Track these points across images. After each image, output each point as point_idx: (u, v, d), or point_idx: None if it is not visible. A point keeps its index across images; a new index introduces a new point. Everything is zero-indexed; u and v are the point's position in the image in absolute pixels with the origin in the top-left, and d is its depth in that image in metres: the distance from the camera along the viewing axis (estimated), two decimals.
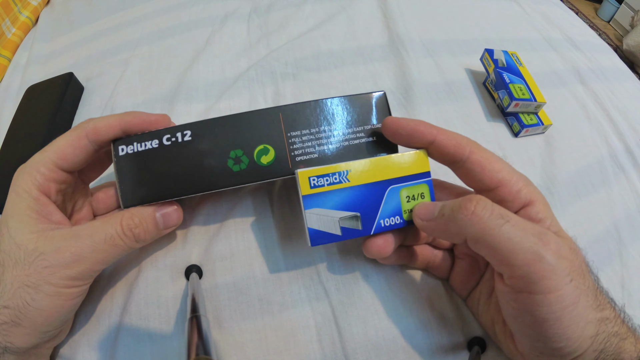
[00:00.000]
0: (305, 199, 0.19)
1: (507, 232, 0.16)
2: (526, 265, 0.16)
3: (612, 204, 0.32)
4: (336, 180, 0.19)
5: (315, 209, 0.19)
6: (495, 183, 0.19)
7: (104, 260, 0.20)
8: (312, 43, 0.38)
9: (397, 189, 0.20)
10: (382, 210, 0.19)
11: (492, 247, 0.16)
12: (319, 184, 0.19)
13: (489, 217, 0.17)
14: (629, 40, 1.49)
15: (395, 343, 0.23)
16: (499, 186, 0.19)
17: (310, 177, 0.19)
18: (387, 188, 0.19)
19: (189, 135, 0.21)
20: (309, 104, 0.22)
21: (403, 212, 0.20)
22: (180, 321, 0.23)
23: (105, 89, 0.36)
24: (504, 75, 0.34)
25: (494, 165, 0.19)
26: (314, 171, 0.19)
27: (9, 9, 0.44)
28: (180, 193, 0.21)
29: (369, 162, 0.20)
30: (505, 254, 0.16)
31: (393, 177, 0.20)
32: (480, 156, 0.19)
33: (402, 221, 0.20)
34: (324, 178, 0.19)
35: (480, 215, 0.17)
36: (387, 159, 0.20)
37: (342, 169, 0.19)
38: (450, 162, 0.20)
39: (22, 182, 0.19)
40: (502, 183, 0.19)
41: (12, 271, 0.18)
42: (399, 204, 0.20)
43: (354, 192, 0.19)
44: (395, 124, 0.20)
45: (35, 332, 0.19)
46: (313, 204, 0.19)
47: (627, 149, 0.36)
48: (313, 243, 0.19)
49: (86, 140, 0.20)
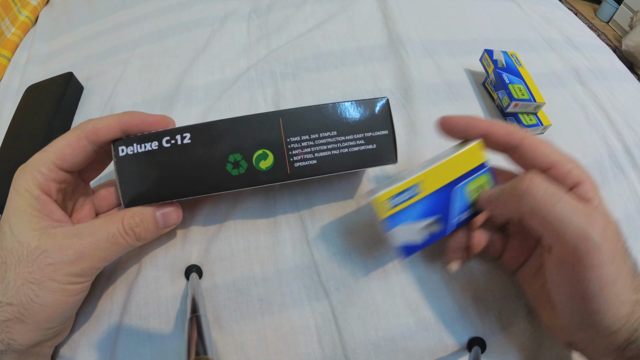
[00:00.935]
0: (385, 222, 0.20)
1: (560, 209, 0.18)
2: (574, 240, 0.17)
3: (612, 204, 0.31)
4: (407, 197, 0.20)
5: (397, 227, 0.20)
6: (547, 164, 0.20)
7: (106, 257, 0.20)
8: (312, 43, 0.38)
9: (462, 187, 0.21)
10: (454, 209, 0.21)
11: (545, 221, 0.18)
12: (393, 204, 0.20)
13: (543, 194, 0.18)
14: (628, 40, 1.49)
15: (395, 343, 0.23)
16: (550, 167, 0.20)
17: (384, 202, 0.20)
18: (452, 188, 0.21)
19: (188, 138, 0.21)
20: (309, 109, 0.22)
21: (472, 205, 0.22)
22: (180, 321, 0.23)
23: (105, 89, 0.36)
24: (503, 75, 0.34)
25: (544, 149, 0.20)
26: (386, 194, 0.20)
27: (9, 8, 0.44)
28: (179, 195, 0.22)
29: (432, 171, 0.21)
30: (557, 228, 0.18)
31: (456, 177, 0.21)
32: (532, 142, 0.21)
33: (473, 212, 0.22)
34: (396, 198, 0.20)
35: (535, 191, 0.18)
36: (447, 163, 0.21)
37: (411, 184, 0.20)
38: (505, 150, 0.22)
39: (23, 181, 0.20)
40: (553, 164, 0.20)
41: (15, 269, 0.18)
42: (466, 198, 0.22)
43: (426, 201, 0.20)
44: (451, 122, 0.22)
45: (39, 329, 0.19)
46: (393, 224, 0.20)
47: (626, 150, 0.36)
48: (405, 257, 0.22)
49: (85, 141, 0.21)
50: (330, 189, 0.28)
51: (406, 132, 0.32)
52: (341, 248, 0.26)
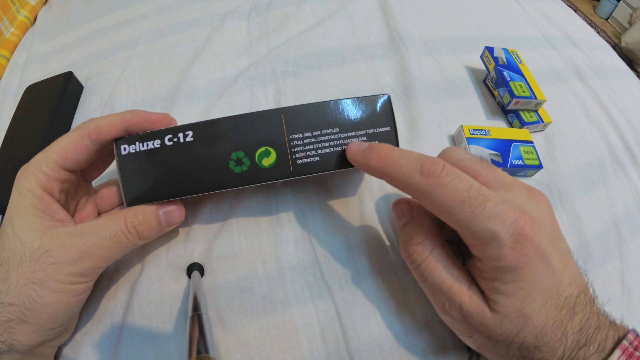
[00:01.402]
0: (468, 140, 0.31)
1: None
2: None
3: (612, 200, 0.32)
4: (481, 133, 0.31)
5: (472, 145, 0.30)
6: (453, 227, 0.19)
7: (108, 257, 0.20)
8: (313, 41, 0.38)
9: (517, 145, 0.31)
10: (511, 155, 0.30)
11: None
12: (473, 133, 0.31)
13: None
14: (628, 37, 1.49)
15: (398, 340, 0.23)
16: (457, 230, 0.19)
17: (470, 129, 0.31)
18: (512, 143, 0.31)
19: (191, 135, 0.21)
20: (311, 106, 0.22)
21: (524, 159, 0.30)
22: (182, 320, 0.23)
23: (104, 88, 0.36)
24: (504, 72, 0.34)
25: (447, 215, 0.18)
26: (470, 126, 0.31)
27: (7, 8, 0.44)
28: (181, 193, 0.22)
29: (501, 129, 0.32)
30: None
31: (514, 138, 0.31)
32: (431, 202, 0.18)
33: (523, 163, 0.30)
34: (475, 131, 0.31)
35: None
36: (511, 129, 0.32)
37: (485, 129, 0.31)
38: None
39: (25, 181, 0.20)
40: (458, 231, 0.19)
41: (17, 269, 0.18)
42: (520, 153, 0.31)
43: (493, 142, 0.31)
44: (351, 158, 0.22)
45: (41, 329, 0.19)
46: (472, 142, 0.30)
47: (626, 147, 0.36)
48: None
49: (88, 140, 0.20)
50: (332, 186, 0.28)
51: (407, 129, 0.32)
52: (344, 245, 0.26)
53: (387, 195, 0.28)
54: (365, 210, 0.27)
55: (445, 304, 0.19)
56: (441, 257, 0.20)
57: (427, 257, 0.20)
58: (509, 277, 0.17)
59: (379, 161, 0.20)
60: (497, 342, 0.18)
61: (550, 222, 0.19)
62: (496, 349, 0.18)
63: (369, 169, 0.21)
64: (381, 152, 0.20)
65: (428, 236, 0.20)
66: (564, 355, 0.17)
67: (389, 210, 0.27)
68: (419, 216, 0.22)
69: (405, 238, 0.21)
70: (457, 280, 0.19)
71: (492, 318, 0.18)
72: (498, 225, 0.17)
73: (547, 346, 0.17)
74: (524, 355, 0.18)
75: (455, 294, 0.19)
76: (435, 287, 0.19)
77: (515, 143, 0.31)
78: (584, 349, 0.17)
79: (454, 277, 0.19)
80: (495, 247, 0.17)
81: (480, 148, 0.30)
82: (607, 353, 0.17)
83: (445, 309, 0.19)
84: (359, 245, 0.26)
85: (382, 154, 0.20)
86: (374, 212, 0.27)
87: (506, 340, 0.18)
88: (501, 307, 0.17)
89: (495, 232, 0.17)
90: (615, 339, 0.18)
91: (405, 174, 0.19)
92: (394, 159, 0.19)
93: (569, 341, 0.17)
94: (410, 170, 0.18)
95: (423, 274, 0.20)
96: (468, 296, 0.18)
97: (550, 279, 0.17)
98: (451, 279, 0.19)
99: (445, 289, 0.19)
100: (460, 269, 0.20)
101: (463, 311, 0.18)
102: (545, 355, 0.17)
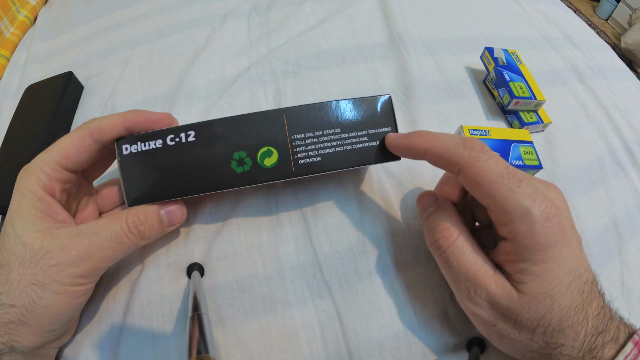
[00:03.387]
0: None
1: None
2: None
3: (612, 201, 0.32)
4: (481, 133, 0.31)
5: None
6: (486, 205, 0.19)
7: (110, 257, 0.20)
8: (313, 41, 0.38)
9: (517, 145, 0.31)
10: (511, 155, 0.30)
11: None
12: (473, 134, 0.30)
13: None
14: (627, 38, 1.49)
15: (398, 340, 0.23)
16: (489, 209, 0.19)
17: (469, 130, 0.31)
18: (512, 144, 0.31)
19: (193, 135, 0.21)
20: (313, 106, 0.22)
21: (524, 159, 0.30)
22: (182, 320, 0.23)
23: (105, 88, 0.36)
24: (504, 73, 0.34)
25: (485, 189, 0.19)
26: (469, 127, 0.31)
27: (7, 8, 0.44)
28: (183, 193, 0.22)
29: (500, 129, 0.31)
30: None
31: (514, 139, 0.31)
32: (470, 170, 0.19)
33: (523, 164, 0.30)
34: (475, 131, 0.31)
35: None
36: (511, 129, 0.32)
37: (484, 129, 0.31)
38: (450, 171, 0.21)
39: (27, 182, 0.19)
40: (488, 206, 0.19)
41: (18, 270, 0.18)
42: (520, 153, 0.31)
43: (493, 142, 0.31)
44: (392, 143, 0.22)
45: (42, 331, 0.19)
46: None
47: (625, 147, 0.36)
48: None
49: (90, 140, 0.20)
50: (332, 186, 0.28)
51: (407, 129, 0.32)
52: (344, 245, 0.26)
53: (388, 195, 0.28)
54: (365, 211, 0.27)
55: (470, 291, 0.19)
56: (467, 243, 0.20)
57: (454, 242, 0.20)
58: (538, 256, 0.17)
59: (422, 139, 0.21)
60: (522, 328, 0.18)
61: (567, 210, 0.19)
62: (520, 337, 0.18)
63: (411, 149, 0.21)
64: (422, 133, 0.21)
65: (455, 222, 0.21)
66: (584, 340, 0.17)
67: (389, 210, 0.27)
68: (445, 205, 0.22)
69: (431, 225, 0.21)
70: (482, 265, 0.19)
71: (520, 300, 0.18)
72: (531, 203, 0.17)
73: (570, 329, 0.17)
74: (547, 341, 0.18)
75: (481, 279, 0.19)
76: (461, 273, 0.19)
77: (515, 143, 0.31)
78: (602, 335, 0.17)
79: (480, 263, 0.19)
80: (528, 224, 0.17)
81: None
82: (620, 344, 0.17)
83: (470, 296, 0.19)
84: (359, 245, 0.26)
85: (424, 134, 0.21)
86: (374, 212, 0.27)
87: (532, 324, 0.18)
88: (529, 289, 0.17)
89: (529, 208, 0.17)
90: (626, 332, 0.18)
91: (450, 148, 0.19)
92: (437, 136, 0.20)
93: (589, 326, 0.17)
94: (454, 144, 0.19)
95: (449, 260, 0.20)
96: (494, 280, 0.19)
97: (573, 261, 0.18)
98: (477, 264, 0.19)
99: (470, 274, 0.19)
100: (485, 256, 0.20)
101: (490, 296, 0.18)
102: (568, 340, 0.17)
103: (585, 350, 0.17)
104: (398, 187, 0.28)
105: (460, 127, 0.31)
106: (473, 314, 0.20)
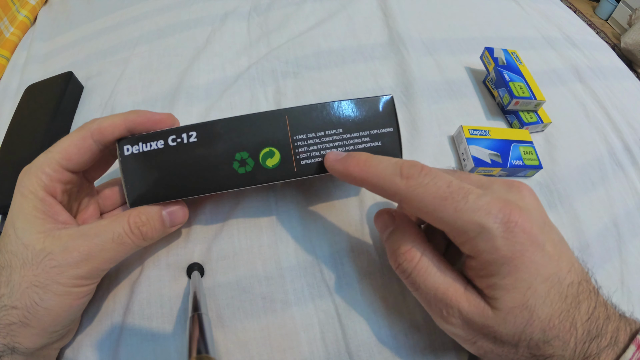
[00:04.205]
0: (467, 140, 0.31)
1: None
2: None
3: (612, 201, 0.32)
4: (480, 133, 0.31)
5: (472, 145, 0.30)
6: (439, 228, 0.18)
7: (112, 258, 0.20)
8: (313, 41, 0.38)
9: (517, 145, 0.31)
10: (511, 155, 0.30)
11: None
12: (473, 134, 0.31)
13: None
14: (627, 38, 1.49)
15: (398, 340, 0.23)
16: (444, 231, 0.18)
17: (469, 129, 0.31)
18: (512, 144, 0.31)
19: (195, 136, 0.21)
20: (315, 106, 0.22)
21: (524, 159, 0.31)
22: (182, 320, 0.23)
23: (105, 88, 0.36)
24: (504, 73, 0.34)
25: (431, 215, 0.18)
26: (469, 126, 0.31)
27: (7, 8, 0.44)
28: (185, 194, 0.21)
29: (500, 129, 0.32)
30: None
31: (514, 139, 0.32)
32: (413, 203, 0.18)
33: (523, 164, 0.30)
34: (475, 131, 0.31)
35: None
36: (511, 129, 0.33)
37: (484, 129, 0.31)
38: None
39: (28, 182, 0.19)
40: (445, 230, 0.18)
41: (20, 271, 0.18)
42: (520, 153, 0.31)
43: (493, 142, 0.31)
44: (329, 167, 0.21)
45: (44, 332, 0.19)
46: (472, 143, 0.31)
47: (625, 147, 0.36)
48: (476, 167, 0.30)
49: (91, 140, 0.20)
50: (332, 185, 0.28)
51: (408, 129, 0.32)
52: (344, 245, 0.26)
53: None
54: (366, 211, 0.27)
55: (442, 311, 0.18)
56: (432, 262, 0.19)
57: (417, 264, 0.19)
58: (506, 269, 0.16)
59: (358, 168, 0.19)
60: (504, 344, 0.17)
61: (537, 210, 0.18)
62: (504, 351, 0.17)
63: (348, 177, 0.20)
64: (360, 159, 0.20)
65: (415, 242, 0.19)
66: (576, 349, 0.16)
67: None
68: (403, 224, 0.21)
69: (392, 248, 0.20)
70: (451, 284, 0.18)
71: (495, 317, 0.17)
72: (484, 217, 0.16)
73: (557, 339, 0.16)
74: (534, 354, 0.17)
75: (451, 298, 0.18)
76: (430, 294, 0.18)
77: (515, 143, 0.31)
78: (596, 340, 0.16)
79: (448, 281, 0.18)
80: (486, 240, 0.16)
81: (480, 148, 0.30)
82: (621, 347, 0.16)
83: (443, 316, 0.18)
84: (359, 245, 0.26)
85: (362, 161, 0.20)
86: (374, 212, 0.27)
87: (513, 339, 0.17)
88: (503, 304, 0.16)
89: (482, 223, 0.16)
90: (628, 333, 0.17)
91: (386, 179, 0.18)
92: (373, 164, 0.19)
93: (579, 332, 0.16)
94: (390, 174, 0.18)
95: (415, 282, 0.19)
96: (466, 298, 0.18)
97: (549, 266, 0.16)
98: (445, 284, 0.18)
99: (440, 294, 0.18)
100: (453, 272, 0.19)
101: (463, 315, 0.17)
102: (557, 350, 0.16)
103: (579, 359, 0.16)
104: None
105: (460, 127, 0.31)
106: (451, 332, 0.19)
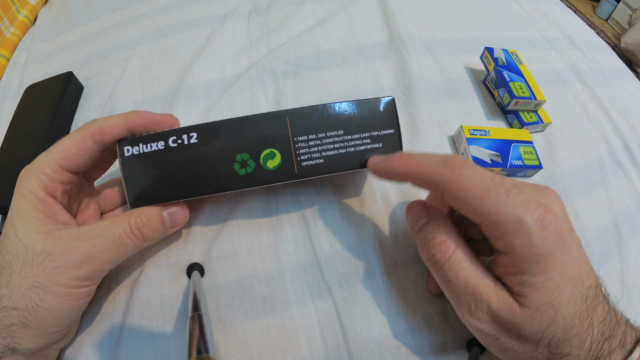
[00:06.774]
0: (467, 140, 0.31)
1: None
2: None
3: (612, 201, 0.32)
4: (480, 133, 0.31)
5: (472, 145, 0.30)
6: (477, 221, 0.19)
7: (112, 259, 0.20)
8: (313, 42, 0.38)
9: (517, 145, 0.31)
10: (511, 155, 0.31)
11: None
12: (473, 134, 0.31)
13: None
14: (627, 38, 1.49)
15: (398, 340, 0.23)
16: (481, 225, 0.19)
17: (469, 129, 0.31)
18: (512, 144, 0.31)
19: (195, 137, 0.21)
20: (316, 107, 0.22)
21: (524, 159, 0.31)
22: (182, 320, 0.23)
23: (105, 88, 0.36)
24: (504, 73, 0.34)
25: (472, 206, 0.18)
26: (469, 126, 0.31)
27: (7, 8, 0.44)
28: (186, 195, 0.21)
29: (500, 129, 0.32)
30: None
31: (514, 139, 0.32)
32: (457, 192, 0.18)
33: (523, 164, 0.30)
34: (475, 131, 0.31)
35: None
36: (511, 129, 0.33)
37: (484, 129, 0.31)
38: (434, 191, 0.20)
39: (28, 183, 0.19)
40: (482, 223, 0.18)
41: (20, 272, 0.18)
42: (520, 153, 0.31)
43: (493, 142, 0.31)
44: (374, 167, 0.22)
45: (44, 333, 0.19)
46: (472, 143, 0.31)
47: (625, 147, 0.36)
48: None
49: (91, 141, 0.20)
50: (332, 186, 0.28)
51: (408, 129, 0.32)
52: (344, 245, 0.26)
53: (388, 196, 0.28)
54: (366, 211, 0.27)
55: (471, 305, 0.18)
56: (464, 256, 0.19)
57: (451, 257, 0.19)
58: (537, 267, 0.17)
59: (402, 162, 0.20)
60: (526, 341, 0.17)
61: (564, 214, 0.18)
62: (523, 349, 0.18)
63: (392, 172, 0.21)
64: (402, 155, 0.20)
65: (450, 235, 0.20)
66: (590, 348, 0.17)
67: (389, 211, 0.27)
68: (438, 216, 0.21)
69: (426, 239, 0.20)
70: (482, 278, 0.18)
71: (522, 314, 0.17)
72: (524, 212, 0.17)
73: (576, 338, 0.17)
74: (552, 351, 0.17)
75: (481, 293, 0.18)
76: (460, 287, 0.19)
77: (515, 143, 0.31)
78: (609, 341, 0.17)
79: (479, 276, 0.18)
80: (523, 235, 0.17)
81: (480, 148, 0.30)
82: (628, 350, 0.17)
83: (471, 311, 0.18)
84: (359, 245, 0.26)
85: (404, 156, 0.20)
86: (375, 212, 0.27)
87: (536, 336, 0.17)
88: (531, 301, 0.17)
89: (522, 218, 0.17)
90: (634, 337, 0.17)
91: (430, 169, 0.19)
92: (417, 158, 0.20)
93: (595, 333, 0.17)
94: (435, 164, 0.19)
95: (447, 275, 0.19)
96: (495, 294, 0.18)
97: (575, 267, 0.17)
98: (476, 278, 0.18)
99: (470, 288, 0.18)
100: (484, 267, 0.19)
101: (491, 310, 0.18)
102: (573, 349, 0.17)
103: (592, 358, 0.17)
104: (398, 188, 0.28)
105: (460, 127, 0.31)
106: (475, 328, 0.19)
